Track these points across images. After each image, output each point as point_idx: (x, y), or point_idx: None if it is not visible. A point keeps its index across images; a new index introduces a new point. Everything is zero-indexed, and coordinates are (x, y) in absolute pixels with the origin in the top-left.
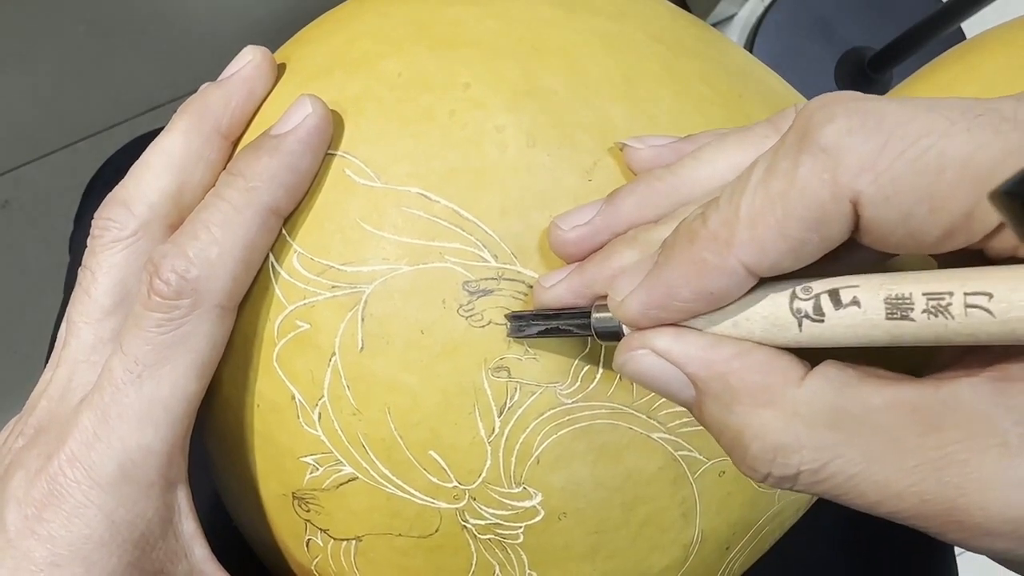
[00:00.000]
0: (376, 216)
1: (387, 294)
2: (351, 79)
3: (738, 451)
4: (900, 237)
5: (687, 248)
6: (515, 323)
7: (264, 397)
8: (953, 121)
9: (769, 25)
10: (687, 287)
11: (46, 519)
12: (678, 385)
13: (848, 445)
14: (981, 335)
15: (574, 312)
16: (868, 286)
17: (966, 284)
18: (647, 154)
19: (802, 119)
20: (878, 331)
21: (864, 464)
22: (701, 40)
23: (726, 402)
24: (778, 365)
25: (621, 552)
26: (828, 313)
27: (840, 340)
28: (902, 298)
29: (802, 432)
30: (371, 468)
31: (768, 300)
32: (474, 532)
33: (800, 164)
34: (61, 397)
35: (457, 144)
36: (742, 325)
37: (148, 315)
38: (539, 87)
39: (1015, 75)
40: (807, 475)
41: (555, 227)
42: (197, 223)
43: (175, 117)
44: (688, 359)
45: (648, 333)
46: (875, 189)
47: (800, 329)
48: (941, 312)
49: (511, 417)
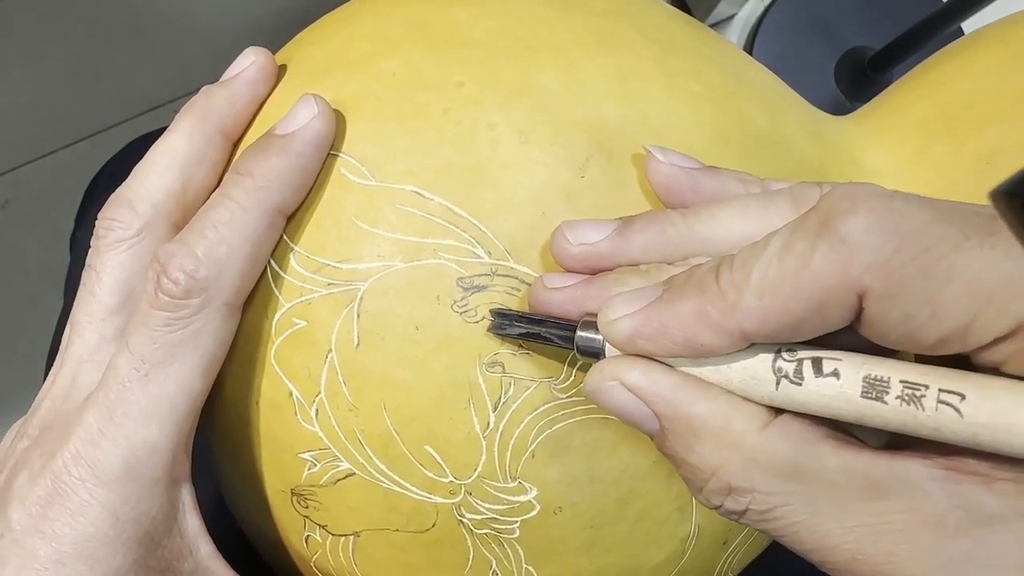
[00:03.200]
0: (371, 214)
1: (382, 291)
2: (348, 79)
3: (695, 484)
4: (898, 335)
5: (694, 296)
6: (499, 320)
7: (263, 394)
8: (967, 236)
9: (769, 25)
10: (681, 331)
11: (51, 517)
12: (643, 418)
13: (797, 495)
14: (945, 432)
15: (560, 324)
16: (850, 362)
17: (943, 382)
18: (665, 170)
19: (826, 205)
20: (849, 406)
21: (808, 515)
22: (694, 38)
23: (687, 441)
24: (742, 410)
25: (617, 546)
26: (807, 378)
27: (811, 407)
28: (880, 380)
29: (757, 478)
30: (368, 464)
31: (753, 354)
32: (470, 527)
33: (816, 249)
34: (65, 397)
35: (451, 142)
36: (722, 371)
37: (155, 314)
38: (532, 85)
39: (1008, 71)
40: (754, 513)
41: (562, 235)
42: (205, 222)
43: (178, 117)
44: (655, 397)
45: (621, 365)
46: (883, 287)
47: (777, 388)
48: (914, 401)
49: (506, 412)
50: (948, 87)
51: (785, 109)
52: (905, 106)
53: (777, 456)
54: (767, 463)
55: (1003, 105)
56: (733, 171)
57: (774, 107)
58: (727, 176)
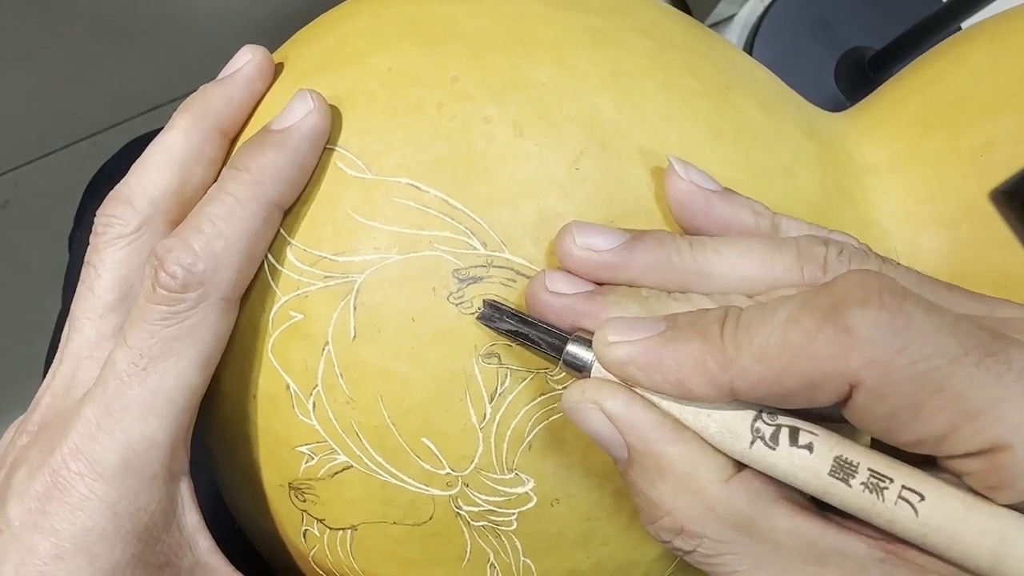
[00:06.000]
0: (367, 207)
1: (378, 283)
2: (343, 75)
3: (648, 516)
4: (878, 428)
5: (696, 343)
6: (490, 310)
7: (260, 388)
8: (967, 352)
9: (769, 25)
10: (675, 372)
11: (50, 512)
12: (614, 445)
13: (744, 548)
14: (897, 526)
15: (551, 331)
16: (825, 439)
17: (908, 479)
18: (683, 187)
19: (840, 289)
20: (815, 481)
21: (750, 568)
22: (689, 35)
23: (651, 477)
24: (711, 460)
25: (614, 539)
26: (782, 445)
27: (777, 471)
28: (849, 464)
29: (711, 525)
30: (365, 456)
31: (734, 409)
32: (468, 519)
33: (821, 331)
34: (64, 393)
35: (446, 135)
36: (702, 418)
37: (153, 308)
38: (526, 79)
39: (1001, 67)
40: (699, 555)
41: (570, 235)
42: (201, 217)
43: (176, 115)
44: (630, 430)
45: (604, 390)
46: (877, 384)
47: (750, 447)
48: (876, 491)
49: (502, 403)
50: (942, 83)
51: (780, 105)
52: (899, 101)
53: (733, 509)
54: (723, 514)
55: (996, 100)
56: (748, 200)
57: (769, 102)
58: (741, 204)
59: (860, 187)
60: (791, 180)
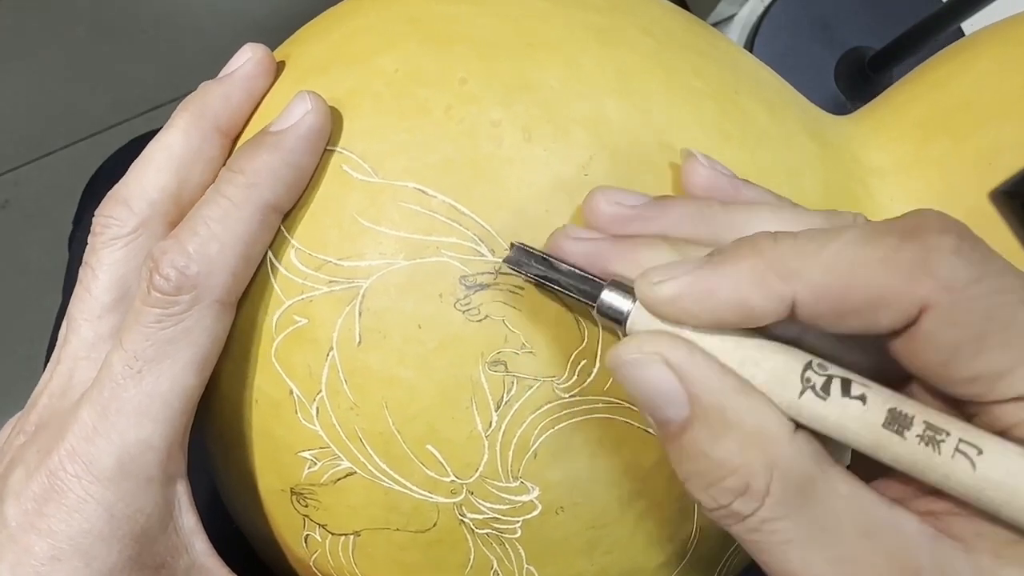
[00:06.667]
0: (373, 211)
1: (384, 289)
2: (347, 75)
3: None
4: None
5: (750, 259)
6: (518, 254)
7: (262, 392)
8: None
9: (769, 25)
10: (733, 291)
11: (46, 513)
12: (673, 400)
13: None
14: (952, 481)
15: (585, 277)
16: (878, 391)
17: (965, 433)
18: (704, 173)
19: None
20: (867, 433)
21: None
22: (693, 34)
23: (715, 433)
24: (774, 415)
25: (619, 547)
26: (833, 395)
27: (827, 424)
28: (904, 416)
29: (776, 485)
30: (368, 463)
31: (785, 355)
32: (472, 527)
33: (901, 249)
34: (62, 394)
35: (453, 138)
36: (748, 367)
37: (148, 311)
38: (533, 81)
39: (1006, 72)
40: (754, 522)
41: (596, 195)
42: (197, 219)
43: (175, 114)
44: (697, 380)
45: (662, 341)
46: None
47: (799, 396)
48: (932, 443)
49: (508, 411)
50: (947, 87)
51: (785, 106)
52: (905, 106)
53: (799, 466)
54: (786, 472)
55: (1001, 105)
56: (768, 189)
57: (773, 104)
58: (764, 191)
59: (865, 190)
60: (796, 182)
